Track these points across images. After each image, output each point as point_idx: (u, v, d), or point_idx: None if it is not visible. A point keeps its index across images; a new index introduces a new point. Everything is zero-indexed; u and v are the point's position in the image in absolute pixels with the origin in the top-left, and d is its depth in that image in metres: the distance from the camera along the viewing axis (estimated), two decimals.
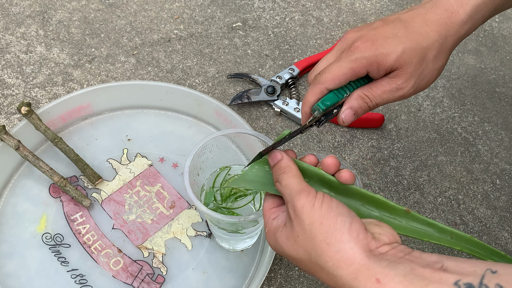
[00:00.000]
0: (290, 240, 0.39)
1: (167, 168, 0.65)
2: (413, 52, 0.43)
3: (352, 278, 0.35)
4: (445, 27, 0.44)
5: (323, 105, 0.44)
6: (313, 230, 0.37)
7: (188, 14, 0.83)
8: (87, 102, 0.67)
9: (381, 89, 0.44)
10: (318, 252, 0.37)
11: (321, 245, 0.37)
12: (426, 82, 0.45)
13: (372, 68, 0.44)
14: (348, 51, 0.44)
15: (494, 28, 0.86)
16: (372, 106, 0.45)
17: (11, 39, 0.77)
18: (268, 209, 0.43)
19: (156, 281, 0.57)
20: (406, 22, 0.45)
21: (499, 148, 0.73)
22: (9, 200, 0.61)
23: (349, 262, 0.35)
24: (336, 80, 0.44)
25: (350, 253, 0.35)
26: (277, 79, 0.74)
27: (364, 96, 0.45)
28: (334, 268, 0.36)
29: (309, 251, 0.38)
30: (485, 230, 0.65)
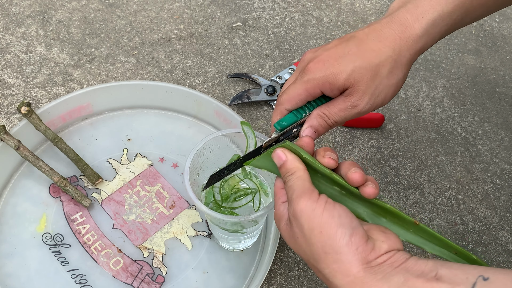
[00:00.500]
0: (290, 238, 0.40)
1: (167, 168, 0.65)
2: (364, 69, 0.44)
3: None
4: (399, 41, 0.44)
5: (279, 125, 0.46)
6: (312, 237, 0.37)
7: (188, 14, 0.83)
8: (87, 102, 0.67)
9: (337, 107, 0.45)
10: (316, 258, 0.37)
11: (318, 252, 0.37)
12: (383, 98, 0.46)
13: (325, 88, 0.45)
14: (302, 73, 0.46)
15: (494, 28, 0.86)
16: (331, 123, 0.46)
17: (11, 39, 0.77)
18: (279, 188, 0.43)
19: (156, 281, 0.57)
20: (360, 40, 0.45)
21: (499, 148, 0.73)
22: (9, 200, 0.61)
23: (345, 273, 0.36)
24: (292, 101, 0.46)
25: (347, 266, 0.36)
26: (277, 79, 0.74)
27: (322, 114, 0.46)
28: (330, 276, 0.37)
29: (307, 254, 0.38)
30: (485, 230, 0.65)
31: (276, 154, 0.43)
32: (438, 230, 0.65)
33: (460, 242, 0.64)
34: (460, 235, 0.65)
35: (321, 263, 0.37)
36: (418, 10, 0.44)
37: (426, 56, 0.82)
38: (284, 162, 0.42)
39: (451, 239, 0.64)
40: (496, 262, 0.63)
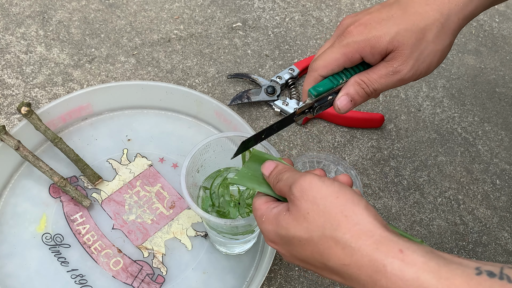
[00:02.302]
0: (298, 220, 0.37)
1: (167, 168, 0.65)
2: (408, 32, 0.41)
3: (373, 249, 0.33)
4: (448, 5, 0.42)
5: (315, 90, 0.43)
6: (327, 203, 0.35)
7: (188, 14, 0.83)
8: (87, 102, 0.67)
9: (377, 73, 0.43)
10: (334, 225, 0.35)
11: (337, 217, 0.35)
12: (428, 65, 0.43)
13: (365, 53, 0.43)
14: (341, 37, 0.43)
15: (494, 28, 0.86)
16: (369, 92, 0.43)
17: (11, 39, 0.77)
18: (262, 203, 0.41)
19: (156, 281, 0.57)
20: (405, 3, 0.43)
21: (499, 148, 0.73)
22: (9, 200, 0.61)
23: (369, 233, 0.34)
24: (328, 66, 0.43)
25: (370, 226, 0.34)
26: (277, 79, 0.74)
27: (360, 81, 0.43)
28: (352, 240, 0.34)
29: (322, 225, 0.35)
30: (485, 230, 0.65)
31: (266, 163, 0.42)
32: (438, 230, 0.65)
33: (460, 243, 0.64)
34: (460, 235, 0.65)
35: (341, 229, 0.34)
36: None
37: None
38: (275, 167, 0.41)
39: (451, 239, 0.64)
40: (496, 262, 0.63)
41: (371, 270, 0.33)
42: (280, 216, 0.38)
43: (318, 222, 0.35)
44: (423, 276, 0.31)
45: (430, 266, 0.31)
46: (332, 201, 0.35)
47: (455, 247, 0.64)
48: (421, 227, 0.65)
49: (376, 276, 0.32)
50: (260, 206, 0.41)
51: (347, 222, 0.34)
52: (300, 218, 0.36)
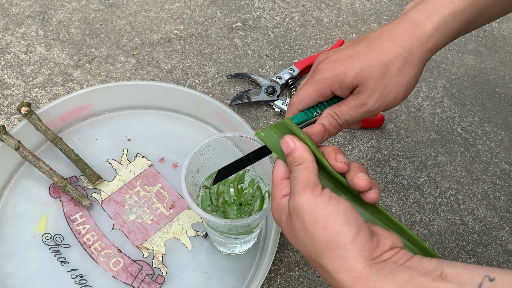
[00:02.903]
0: (290, 232, 0.39)
1: (167, 168, 0.65)
2: (372, 68, 0.44)
3: (350, 285, 0.35)
4: (410, 40, 0.44)
5: None
6: (315, 231, 0.37)
7: (188, 14, 0.83)
8: (87, 102, 0.67)
9: (347, 106, 0.45)
10: (318, 253, 0.37)
11: (321, 248, 0.36)
12: (393, 97, 0.45)
13: (334, 88, 0.45)
14: (313, 74, 0.46)
15: (494, 28, 0.86)
16: (341, 122, 0.46)
17: (11, 39, 0.77)
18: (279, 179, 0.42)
19: (156, 281, 0.57)
20: (371, 40, 0.45)
21: (499, 148, 0.73)
22: (9, 200, 0.61)
23: (349, 269, 0.35)
24: (303, 101, 0.46)
25: (352, 262, 0.35)
26: (277, 79, 0.74)
27: (332, 113, 0.46)
28: (333, 271, 0.36)
29: (309, 249, 0.37)
30: (485, 230, 0.65)
31: (284, 141, 0.42)
32: (438, 230, 0.65)
33: (460, 243, 0.64)
34: (460, 235, 0.65)
35: (324, 259, 0.36)
36: (429, 9, 0.44)
37: None
38: (292, 151, 0.41)
39: (451, 239, 0.64)
40: (496, 262, 0.62)
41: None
42: (282, 216, 0.40)
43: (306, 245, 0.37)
44: None
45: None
46: (319, 230, 0.36)
47: (455, 247, 0.64)
48: (421, 227, 0.65)
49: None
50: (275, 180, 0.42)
51: (329, 255, 0.36)
52: (292, 232, 0.39)
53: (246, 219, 0.48)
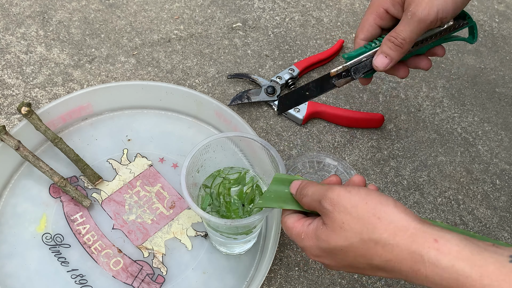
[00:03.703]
0: (335, 230, 0.39)
1: (167, 168, 0.65)
2: None
3: (410, 242, 0.36)
4: None
5: (346, 54, 0.50)
6: (359, 210, 0.38)
7: (188, 14, 0.83)
8: (87, 102, 0.67)
9: (401, 24, 0.47)
10: (370, 228, 0.37)
11: (371, 221, 0.37)
12: (442, 1, 0.45)
13: (386, 4, 0.48)
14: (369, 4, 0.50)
15: (494, 29, 0.86)
16: (399, 43, 0.47)
17: (11, 40, 0.77)
18: (295, 221, 0.43)
19: (156, 281, 0.57)
20: None
21: (499, 148, 0.73)
22: (9, 200, 0.61)
23: (404, 229, 0.36)
24: (363, 29, 0.50)
25: (403, 222, 0.37)
26: (277, 79, 0.74)
27: (389, 37, 0.48)
28: (390, 238, 0.37)
29: (359, 231, 0.38)
30: (485, 230, 0.65)
31: (293, 183, 0.45)
32: None
33: None
34: None
35: (377, 230, 0.37)
36: None
37: None
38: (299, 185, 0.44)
39: None
40: None
41: (411, 261, 0.36)
42: (318, 231, 0.41)
43: (355, 229, 0.38)
44: (458, 264, 0.33)
45: (464, 255, 0.34)
46: (363, 207, 0.38)
47: None
48: None
49: (416, 266, 0.35)
50: (294, 224, 0.43)
51: (382, 223, 0.37)
52: (337, 229, 0.39)
53: (246, 219, 0.48)
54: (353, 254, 0.39)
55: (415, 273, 0.35)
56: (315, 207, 0.42)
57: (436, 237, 0.35)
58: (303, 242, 0.42)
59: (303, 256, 0.61)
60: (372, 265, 0.38)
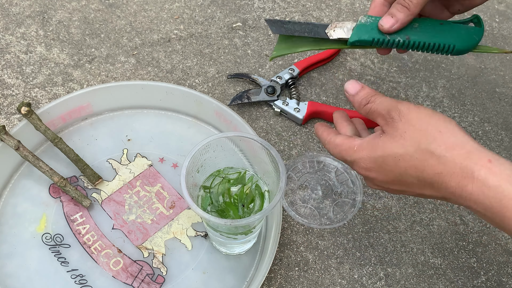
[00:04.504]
0: (394, 138, 0.41)
1: (167, 168, 0.65)
2: None
3: (464, 158, 0.38)
4: None
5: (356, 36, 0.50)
6: (423, 123, 0.40)
7: (188, 14, 0.83)
8: (87, 102, 0.67)
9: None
10: (430, 139, 0.39)
11: (432, 133, 0.39)
12: None
13: None
14: None
15: (494, 28, 0.86)
16: (406, 4, 0.47)
17: (11, 39, 0.77)
18: (345, 139, 0.46)
19: (156, 281, 0.57)
20: None
21: (499, 148, 0.73)
22: (9, 200, 0.61)
23: (461, 145, 0.38)
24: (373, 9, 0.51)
25: (463, 139, 0.39)
26: (277, 79, 0.74)
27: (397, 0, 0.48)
28: (446, 151, 0.38)
29: (417, 140, 0.40)
30: (485, 230, 0.65)
31: (352, 83, 0.47)
32: (438, 230, 0.65)
33: (460, 243, 0.64)
34: (460, 235, 0.65)
35: (435, 142, 0.39)
36: None
37: (426, 56, 0.82)
38: (362, 88, 0.46)
39: (451, 239, 0.64)
40: (496, 262, 0.62)
41: (461, 176, 0.37)
42: (374, 139, 0.43)
43: (414, 139, 0.40)
44: (505, 185, 0.35)
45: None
46: (427, 121, 0.40)
47: (455, 247, 0.64)
48: (421, 227, 0.65)
49: (464, 182, 0.37)
50: (344, 141, 0.46)
51: (442, 136, 0.39)
52: (396, 137, 0.41)
53: (246, 219, 0.48)
54: (405, 165, 0.40)
55: (461, 189, 0.37)
56: (378, 115, 0.44)
57: (491, 158, 0.37)
58: (355, 154, 0.44)
59: (303, 256, 0.61)
60: (420, 178, 0.40)
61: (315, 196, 0.66)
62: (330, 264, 0.61)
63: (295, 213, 0.64)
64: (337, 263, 0.61)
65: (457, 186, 0.37)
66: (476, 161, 0.37)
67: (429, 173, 0.39)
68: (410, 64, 0.81)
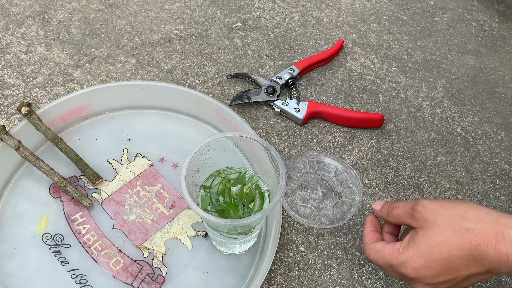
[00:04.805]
0: (430, 227, 0.44)
1: (167, 168, 0.66)
2: None
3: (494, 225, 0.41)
4: None
5: None
6: (448, 208, 0.44)
7: (188, 14, 0.83)
8: (87, 102, 0.67)
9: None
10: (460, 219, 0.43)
11: (460, 213, 0.43)
12: None
13: None
14: None
15: (494, 29, 0.86)
16: None
17: (11, 39, 0.77)
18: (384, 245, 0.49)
19: (156, 281, 0.57)
20: None
21: (499, 148, 0.73)
22: (9, 200, 0.62)
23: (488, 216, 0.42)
24: None
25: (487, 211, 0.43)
26: (277, 79, 0.75)
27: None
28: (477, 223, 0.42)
29: (450, 223, 0.43)
30: None
31: (375, 203, 0.53)
32: None
33: None
34: None
35: (466, 219, 0.42)
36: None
37: (426, 56, 0.82)
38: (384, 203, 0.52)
39: None
40: None
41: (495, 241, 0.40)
42: (414, 237, 0.45)
43: (447, 222, 0.43)
44: None
45: None
46: (450, 205, 0.44)
47: None
48: None
49: (499, 246, 0.39)
50: (384, 247, 0.48)
51: (468, 214, 0.43)
52: (430, 226, 0.44)
53: (246, 219, 0.48)
54: (448, 248, 0.42)
55: (498, 254, 0.39)
56: (404, 215, 0.47)
57: None
58: (402, 255, 0.45)
59: (303, 256, 0.61)
60: (464, 257, 0.41)
61: (315, 196, 0.66)
62: (330, 264, 0.61)
63: (295, 213, 0.64)
64: (337, 263, 0.61)
65: (495, 253, 0.39)
66: (504, 224, 0.40)
67: (470, 248, 0.41)
68: (410, 64, 0.81)
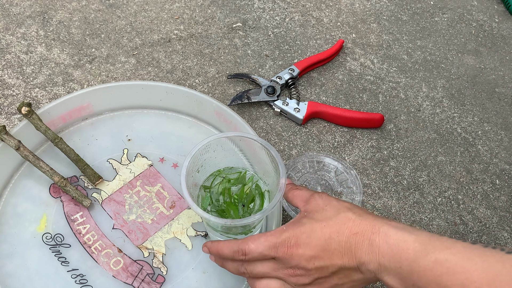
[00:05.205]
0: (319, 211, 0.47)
1: (167, 168, 0.66)
2: None
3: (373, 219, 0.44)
4: None
5: None
6: (337, 200, 0.48)
7: (188, 14, 0.83)
8: (87, 102, 0.67)
9: None
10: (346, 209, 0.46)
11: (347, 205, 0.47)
12: None
13: None
14: None
15: (494, 29, 0.87)
16: None
17: (11, 40, 0.77)
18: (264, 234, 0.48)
19: (156, 281, 0.57)
20: None
21: (499, 148, 0.73)
22: (9, 200, 0.62)
23: (371, 214, 0.46)
24: None
25: (369, 213, 0.46)
26: (277, 79, 0.75)
27: None
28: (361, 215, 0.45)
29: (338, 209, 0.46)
30: (485, 230, 0.65)
31: None
32: (438, 230, 0.65)
33: None
34: (460, 235, 0.65)
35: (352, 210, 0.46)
36: None
37: (426, 56, 0.82)
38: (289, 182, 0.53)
39: None
40: None
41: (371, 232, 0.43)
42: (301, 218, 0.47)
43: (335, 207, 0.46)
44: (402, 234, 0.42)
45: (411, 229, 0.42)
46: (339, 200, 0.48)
47: None
48: (421, 227, 0.65)
49: (373, 237, 0.42)
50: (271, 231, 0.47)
51: (355, 207, 0.47)
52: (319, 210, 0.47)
53: (246, 219, 0.48)
54: (329, 230, 0.44)
55: (371, 246, 0.42)
56: (302, 198, 0.50)
57: (392, 221, 0.44)
58: (286, 232, 0.46)
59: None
60: (341, 243, 0.43)
61: None
62: None
63: (295, 213, 0.64)
64: None
65: (369, 244, 0.42)
66: (381, 221, 0.43)
67: (348, 234, 0.44)
68: (410, 64, 0.81)
